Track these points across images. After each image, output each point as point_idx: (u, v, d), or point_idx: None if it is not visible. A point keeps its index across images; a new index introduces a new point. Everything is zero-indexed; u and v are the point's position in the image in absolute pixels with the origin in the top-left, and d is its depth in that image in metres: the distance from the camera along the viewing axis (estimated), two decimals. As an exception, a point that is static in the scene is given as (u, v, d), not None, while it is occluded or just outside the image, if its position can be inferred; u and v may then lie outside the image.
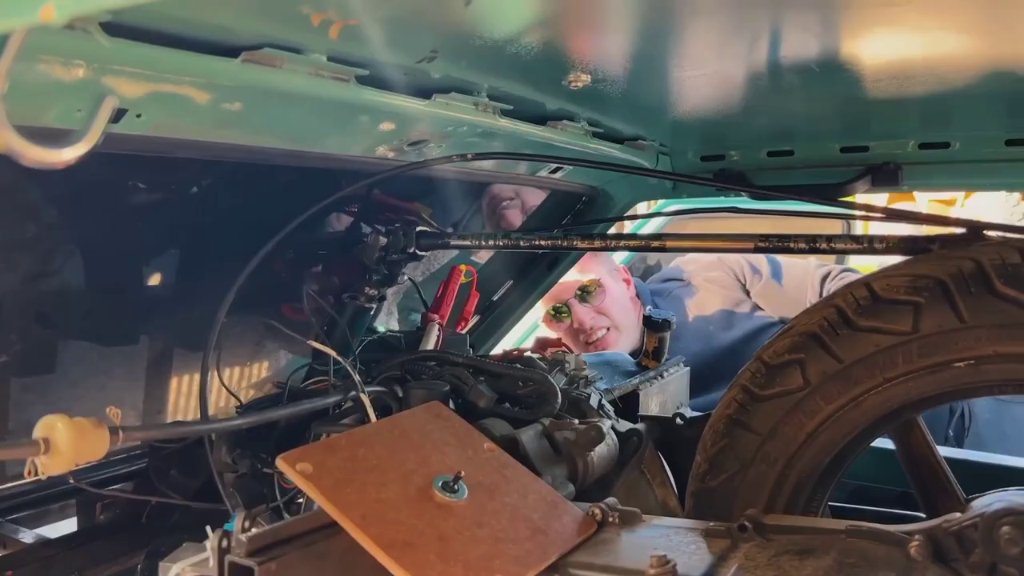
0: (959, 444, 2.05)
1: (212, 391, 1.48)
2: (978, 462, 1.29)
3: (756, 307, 2.42)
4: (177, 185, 1.63)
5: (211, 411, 1.62)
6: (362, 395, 1.02)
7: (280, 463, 0.83)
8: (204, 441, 1.14)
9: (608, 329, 2.30)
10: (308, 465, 0.84)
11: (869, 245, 1.04)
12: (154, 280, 1.75)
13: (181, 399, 1.85)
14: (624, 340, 2.32)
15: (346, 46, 0.90)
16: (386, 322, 2.10)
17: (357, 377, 1.04)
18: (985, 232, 0.95)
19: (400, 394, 1.14)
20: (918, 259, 0.94)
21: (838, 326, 0.95)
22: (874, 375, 0.92)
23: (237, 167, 1.41)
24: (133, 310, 1.69)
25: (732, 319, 2.39)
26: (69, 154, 0.74)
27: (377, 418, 1.05)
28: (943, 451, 1.28)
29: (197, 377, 1.59)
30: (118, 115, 0.82)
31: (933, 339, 0.88)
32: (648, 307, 2.44)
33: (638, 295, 2.47)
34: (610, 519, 0.94)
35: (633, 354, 2.27)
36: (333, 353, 1.06)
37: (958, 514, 0.80)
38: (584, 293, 2.31)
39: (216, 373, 1.28)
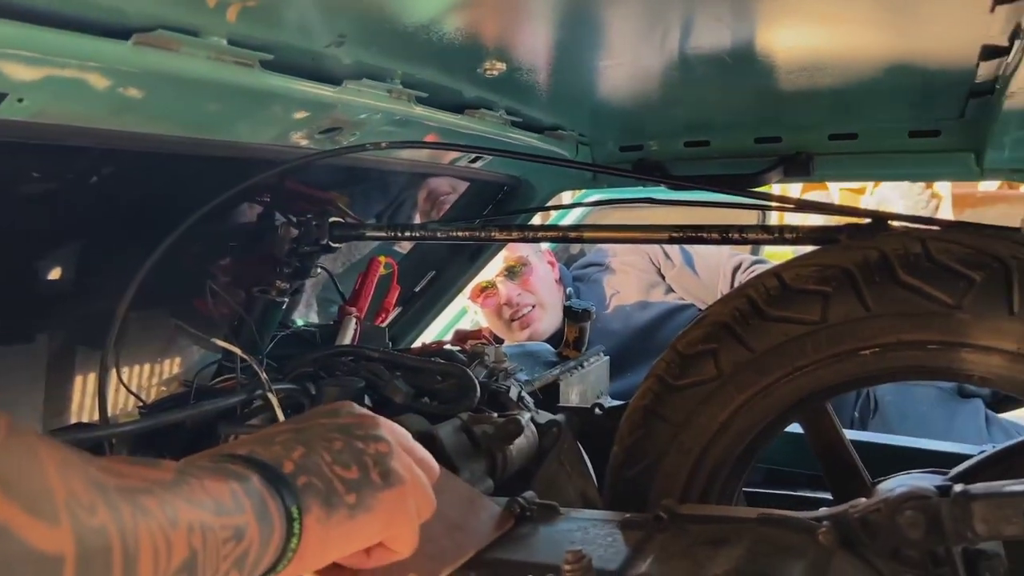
0: (864, 425, 2.13)
1: (118, 390, 1.41)
2: (883, 444, 1.34)
3: (670, 289, 2.50)
4: (75, 174, 1.54)
5: (116, 411, 1.54)
6: (269, 394, 0.99)
7: (181, 468, 0.79)
8: (104, 445, 1.08)
9: (533, 306, 2.38)
10: (211, 468, 0.80)
11: (780, 235, 1.06)
12: (53, 275, 1.66)
13: (87, 399, 1.76)
14: (548, 318, 2.39)
15: (247, 29, 0.86)
16: (305, 314, 2.05)
17: (264, 375, 1.00)
18: (890, 222, 0.97)
19: (313, 391, 1.11)
20: (827, 249, 0.96)
21: (749, 316, 0.96)
22: (784, 364, 0.94)
23: (141, 154, 1.34)
24: (29, 307, 1.59)
25: (648, 300, 2.47)
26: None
27: (287, 417, 1.02)
28: (850, 434, 1.32)
29: (101, 376, 1.52)
30: (-5, 99, 0.77)
31: (840, 328, 0.90)
32: (569, 290, 2.48)
33: (561, 279, 2.52)
34: (528, 513, 0.93)
35: (554, 336, 2.31)
36: (238, 351, 1.02)
37: (864, 499, 0.82)
38: (510, 271, 2.35)
39: (117, 372, 1.22)
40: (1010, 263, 0.82)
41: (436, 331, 2.57)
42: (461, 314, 2.64)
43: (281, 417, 0.99)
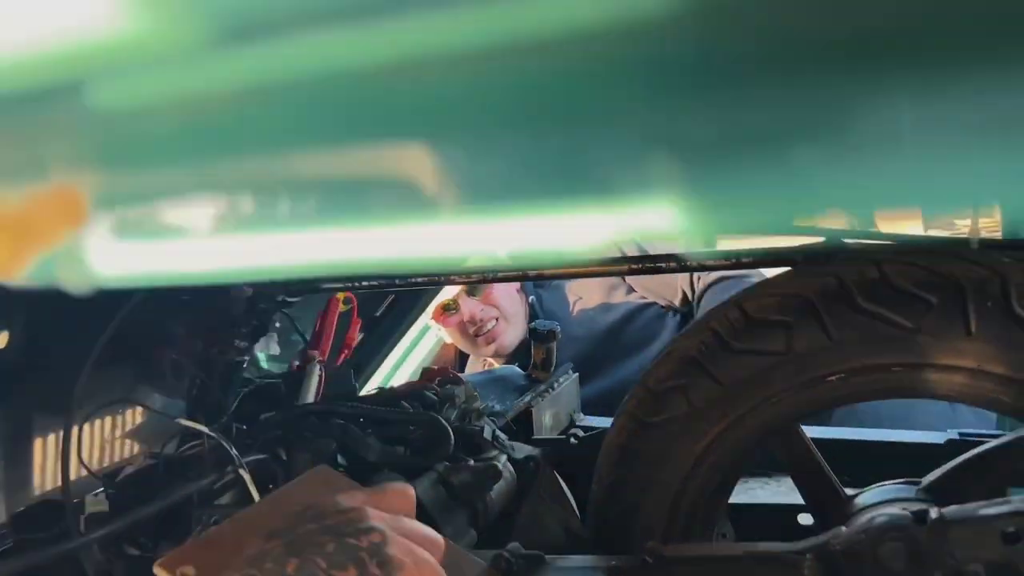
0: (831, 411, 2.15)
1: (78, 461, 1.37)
2: (851, 440, 1.36)
3: (631, 289, 2.52)
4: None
5: (79, 475, 1.49)
6: (241, 471, 0.96)
7: (158, 571, 0.77)
8: (72, 521, 1.05)
9: (497, 320, 2.36)
10: (190, 568, 0.78)
11: (737, 260, 1.07)
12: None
13: (48, 468, 1.71)
14: (512, 330, 2.39)
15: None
16: (267, 347, 2.01)
17: (234, 452, 0.98)
18: (844, 240, 0.98)
19: (284, 457, 1.09)
20: (784, 276, 0.96)
21: (715, 350, 0.96)
22: (753, 396, 0.94)
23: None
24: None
25: (610, 302, 2.48)
26: None
27: (261, 491, 1.00)
28: (819, 431, 1.35)
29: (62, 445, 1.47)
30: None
31: (805, 357, 0.91)
32: (531, 298, 2.48)
33: (522, 287, 2.51)
34: (514, 567, 0.93)
35: (520, 347, 2.31)
36: (204, 429, 0.99)
37: (844, 529, 0.83)
38: (471, 287, 2.34)
39: (78, 454, 1.18)
40: (965, 284, 0.83)
41: (402, 349, 2.55)
42: (424, 331, 2.62)
43: (255, 495, 0.97)
